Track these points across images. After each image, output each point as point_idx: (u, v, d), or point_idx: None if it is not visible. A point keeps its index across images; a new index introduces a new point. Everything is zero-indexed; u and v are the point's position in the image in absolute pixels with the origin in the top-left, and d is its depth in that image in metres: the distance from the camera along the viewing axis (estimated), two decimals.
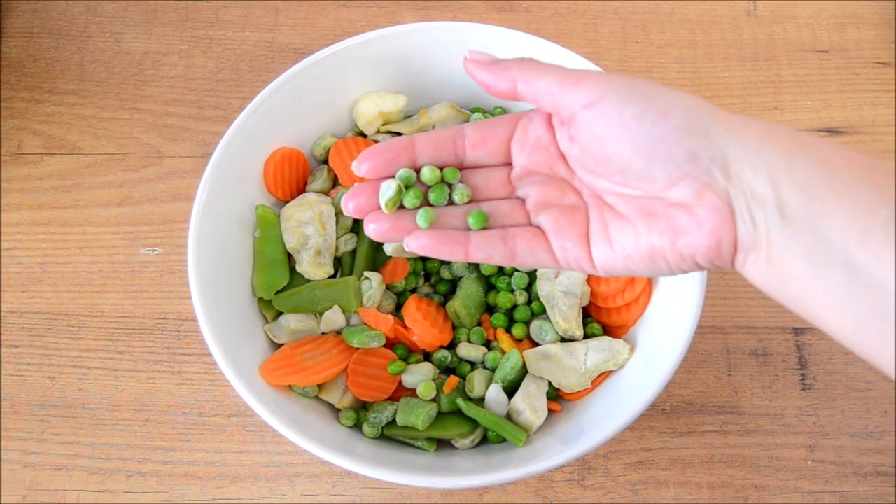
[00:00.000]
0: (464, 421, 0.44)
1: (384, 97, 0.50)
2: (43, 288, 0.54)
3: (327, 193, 0.49)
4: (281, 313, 0.46)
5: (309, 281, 0.46)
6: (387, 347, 0.45)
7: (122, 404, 0.51)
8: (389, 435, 0.44)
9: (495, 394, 0.44)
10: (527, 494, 0.48)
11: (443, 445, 0.45)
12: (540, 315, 0.47)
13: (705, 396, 0.51)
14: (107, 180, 0.57)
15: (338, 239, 0.48)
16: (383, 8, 0.63)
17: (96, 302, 0.53)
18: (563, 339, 0.46)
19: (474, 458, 0.43)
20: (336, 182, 0.50)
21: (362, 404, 0.46)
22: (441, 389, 0.44)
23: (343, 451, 0.39)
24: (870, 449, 0.49)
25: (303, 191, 0.50)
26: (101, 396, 0.51)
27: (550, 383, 0.45)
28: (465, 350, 0.46)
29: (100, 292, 0.54)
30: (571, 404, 0.45)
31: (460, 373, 0.46)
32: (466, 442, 0.44)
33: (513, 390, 0.45)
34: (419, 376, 0.44)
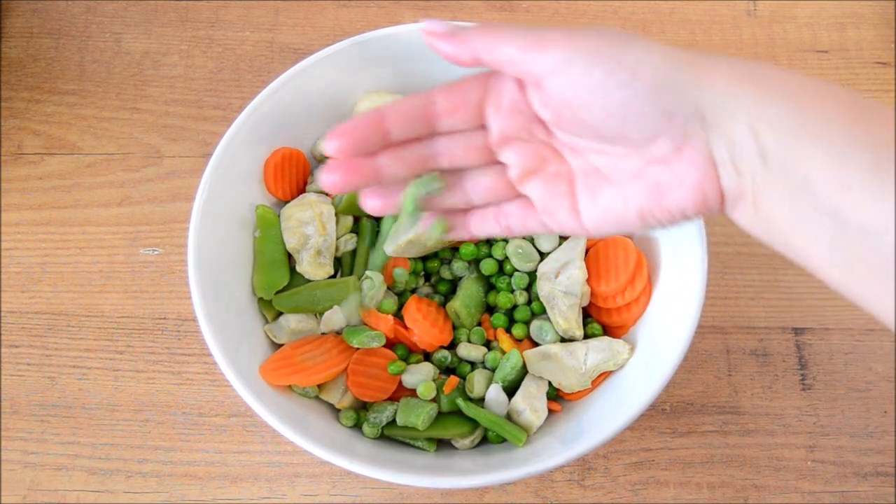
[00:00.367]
0: (464, 421, 0.44)
1: (384, 97, 0.50)
2: (43, 288, 0.54)
3: (327, 194, 0.49)
4: (281, 313, 0.46)
5: (309, 281, 0.46)
6: (387, 347, 0.45)
7: (122, 404, 0.51)
8: (389, 435, 0.44)
9: (495, 394, 0.44)
10: (527, 494, 0.48)
11: (443, 445, 0.45)
12: (540, 315, 0.47)
13: (705, 396, 0.51)
14: (107, 180, 0.57)
15: (338, 239, 0.48)
16: (383, 8, 0.63)
17: (96, 302, 0.53)
18: (564, 339, 0.46)
19: (474, 458, 0.43)
20: None
21: (362, 404, 0.46)
22: (441, 389, 0.44)
23: (343, 452, 0.39)
24: (870, 449, 0.49)
25: (303, 191, 0.50)
26: (101, 396, 0.51)
27: (550, 383, 0.45)
28: (465, 350, 0.46)
29: (100, 292, 0.54)
30: (571, 404, 0.45)
31: (460, 373, 0.46)
32: (466, 442, 0.44)
33: (513, 390, 0.45)
34: (419, 376, 0.44)
